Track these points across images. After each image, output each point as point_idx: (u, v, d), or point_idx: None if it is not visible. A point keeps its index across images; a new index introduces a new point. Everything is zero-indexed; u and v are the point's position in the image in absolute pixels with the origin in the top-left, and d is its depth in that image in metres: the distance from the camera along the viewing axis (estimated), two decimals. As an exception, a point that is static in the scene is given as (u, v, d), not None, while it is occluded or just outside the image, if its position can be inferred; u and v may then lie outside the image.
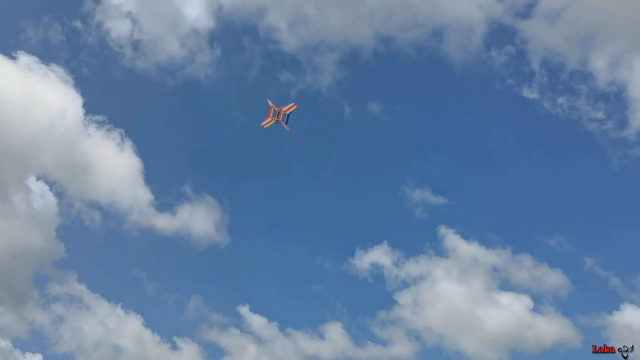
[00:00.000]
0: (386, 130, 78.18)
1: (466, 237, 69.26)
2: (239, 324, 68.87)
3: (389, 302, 68.15)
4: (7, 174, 65.11)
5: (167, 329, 69.00)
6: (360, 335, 67.79)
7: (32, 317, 71.67)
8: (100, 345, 67.95)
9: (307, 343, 67.72)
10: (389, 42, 75.39)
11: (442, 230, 70.21)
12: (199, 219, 72.08)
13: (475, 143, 78.56)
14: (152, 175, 73.23)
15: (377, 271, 70.00)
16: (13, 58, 67.77)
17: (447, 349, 64.66)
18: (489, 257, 68.69)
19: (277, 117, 52.86)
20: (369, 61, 76.53)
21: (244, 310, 67.75)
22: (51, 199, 71.09)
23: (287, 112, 53.19)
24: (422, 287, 68.39)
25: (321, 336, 67.78)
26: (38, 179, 71.59)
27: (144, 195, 72.43)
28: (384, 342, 66.88)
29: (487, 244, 69.18)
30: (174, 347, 68.04)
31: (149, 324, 67.21)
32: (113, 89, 77.30)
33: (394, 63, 77.90)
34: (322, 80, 75.72)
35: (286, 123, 53.09)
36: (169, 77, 75.57)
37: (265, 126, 53.53)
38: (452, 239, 69.68)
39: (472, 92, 78.63)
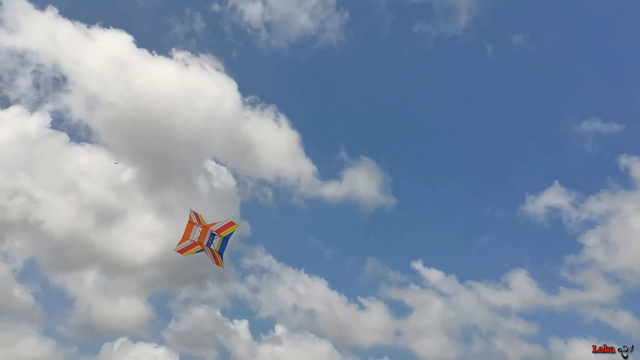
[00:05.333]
0: (536, 63, 73.69)
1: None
2: (418, 280, 66.88)
3: (575, 246, 64.03)
4: (187, 160, 69.73)
5: (351, 290, 68.87)
6: (549, 281, 64.19)
7: (233, 289, 76.18)
8: (296, 309, 69.99)
9: (492, 294, 64.12)
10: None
11: (624, 160, 63.86)
12: (362, 183, 72.63)
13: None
14: (310, 146, 73.88)
15: (554, 215, 65.80)
16: (170, 57, 72.21)
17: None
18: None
19: (200, 242, 28.89)
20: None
21: (418, 266, 66.06)
22: (230, 180, 74.00)
23: (223, 235, 29.30)
24: (611, 225, 62.92)
25: (506, 286, 64.22)
26: (214, 162, 75.47)
27: (306, 166, 73.99)
28: (579, 287, 63.03)
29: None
30: (361, 307, 67.05)
31: (333, 286, 66.73)
32: (258, 69, 79.79)
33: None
34: (459, 22, 72.46)
35: (219, 252, 29.26)
36: (303, 51, 77.27)
37: (183, 253, 29.63)
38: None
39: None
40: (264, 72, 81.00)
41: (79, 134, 70.78)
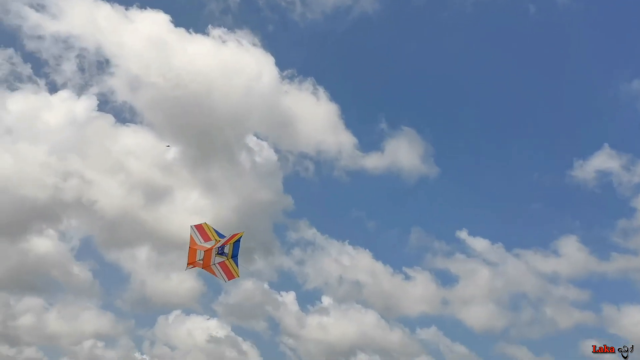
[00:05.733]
0: (582, 21, 71.52)
1: None
2: (463, 249, 67.62)
3: (628, 210, 62.92)
4: (229, 137, 72.07)
5: (396, 261, 70.86)
6: (601, 247, 62.97)
7: (279, 262, 79.99)
8: (341, 280, 72.93)
9: (540, 262, 64.15)
10: None
11: (680, 120, 61.12)
12: (404, 154, 73.08)
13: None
14: (350, 117, 74.34)
15: (604, 179, 64.53)
16: (207, 34, 73.07)
17: None
18: None
19: (205, 260, 25.18)
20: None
21: (463, 235, 66.70)
22: (272, 154, 75.76)
23: (231, 243, 25.70)
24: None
25: (555, 253, 64.22)
26: (255, 137, 77.18)
27: (347, 139, 74.68)
28: (631, 252, 62.03)
29: None
30: (407, 277, 68.52)
31: (378, 257, 68.30)
32: (294, 42, 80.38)
33: None
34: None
35: (233, 257, 25.80)
36: (339, 21, 76.90)
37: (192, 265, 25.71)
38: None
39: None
40: (300, 45, 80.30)
41: (123, 115, 72.70)
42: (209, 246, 24.55)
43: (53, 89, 70.65)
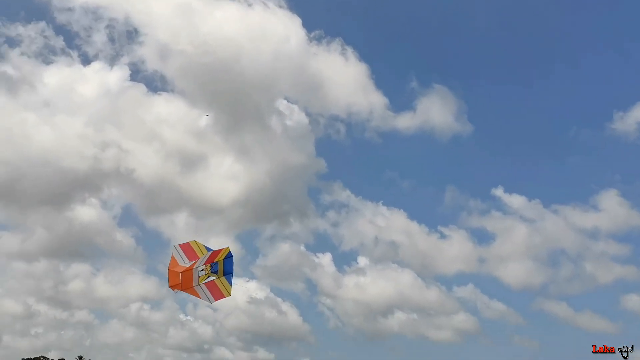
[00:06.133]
0: None
1: None
2: (499, 206, 68.51)
3: None
4: (259, 101, 73.54)
5: (431, 220, 72.26)
6: None
7: (314, 224, 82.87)
8: (377, 241, 75.37)
9: (579, 217, 64.67)
10: None
11: None
12: (436, 112, 73.18)
13: None
14: (380, 77, 74.48)
15: None
16: None
17: None
18: None
19: (185, 282, 21.66)
20: None
21: (498, 192, 67.07)
22: (302, 117, 76.87)
23: (218, 259, 22.35)
24: None
25: (595, 208, 64.63)
26: (285, 101, 77.88)
27: (377, 99, 74.91)
28: None
29: None
30: (443, 236, 70.07)
31: (412, 217, 69.68)
32: (320, 2, 79.92)
33: None
34: None
35: (225, 277, 22.63)
36: None
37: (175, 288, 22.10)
38: None
39: None
40: (327, 5, 78.60)
41: (155, 83, 73.72)
42: (189, 266, 21.28)
43: (86, 60, 71.82)
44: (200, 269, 21.49)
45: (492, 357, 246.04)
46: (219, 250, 21.96)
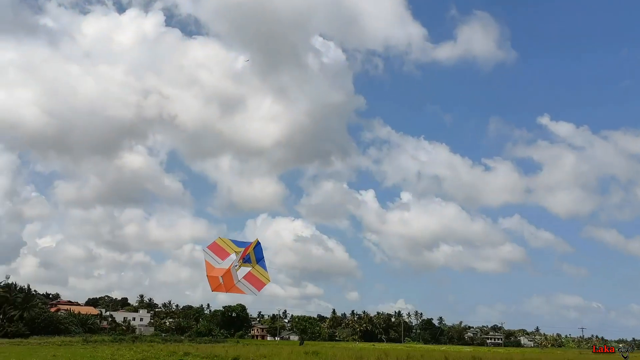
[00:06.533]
0: None
1: None
2: (546, 135, 67.98)
3: None
4: (295, 40, 74.50)
5: (475, 153, 72.76)
6: None
7: (356, 162, 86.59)
8: (420, 176, 78.51)
9: (631, 142, 64.05)
10: None
11: None
12: (477, 40, 71.98)
13: None
14: (418, 7, 73.29)
15: None
16: None
17: None
18: None
19: (227, 282, 21.62)
20: None
21: (544, 120, 66.20)
22: (339, 54, 77.08)
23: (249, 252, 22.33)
24: None
25: None
26: (320, 38, 77.67)
27: (416, 30, 73.62)
28: None
29: None
30: (487, 168, 70.83)
31: (455, 150, 70.13)
32: None
33: None
34: None
35: (258, 264, 22.57)
36: None
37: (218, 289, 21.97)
38: None
39: None
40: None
41: (189, 27, 73.76)
42: (226, 267, 21.63)
43: (120, 8, 71.94)
44: (235, 265, 21.52)
45: (542, 285, 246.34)
46: (249, 246, 22.03)
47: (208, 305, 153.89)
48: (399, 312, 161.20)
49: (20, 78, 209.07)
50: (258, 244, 22.21)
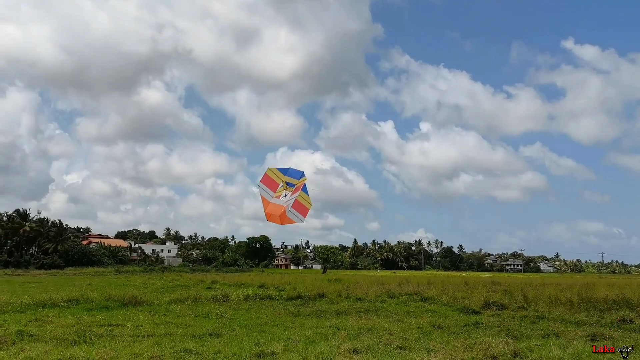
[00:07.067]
0: None
1: None
2: (570, 59, 66.42)
3: None
4: None
5: (495, 80, 71.74)
6: None
7: (375, 93, 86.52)
8: (439, 105, 78.74)
9: None
10: None
11: None
12: None
13: None
14: None
15: None
16: None
17: None
18: None
19: (282, 216, 21.82)
20: None
21: (569, 44, 64.53)
22: None
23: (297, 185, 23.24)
24: None
25: None
26: None
27: None
28: None
29: None
30: (509, 95, 70.25)
31: (476, 78, 69.51)
32: None
33: None
34: None
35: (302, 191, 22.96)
36: None
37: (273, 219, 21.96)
38: None
39: None
40: None
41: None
42: (279, 203, 21.66)
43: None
44: (287, 201, 21.38)
45: (562, 212, 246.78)
46: (300, 183, 21.78)
47: (233, 236, 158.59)
48: (419, 240, 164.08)
49: (33, 14, 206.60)
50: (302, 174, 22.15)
